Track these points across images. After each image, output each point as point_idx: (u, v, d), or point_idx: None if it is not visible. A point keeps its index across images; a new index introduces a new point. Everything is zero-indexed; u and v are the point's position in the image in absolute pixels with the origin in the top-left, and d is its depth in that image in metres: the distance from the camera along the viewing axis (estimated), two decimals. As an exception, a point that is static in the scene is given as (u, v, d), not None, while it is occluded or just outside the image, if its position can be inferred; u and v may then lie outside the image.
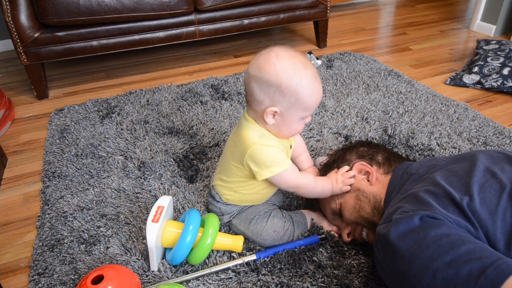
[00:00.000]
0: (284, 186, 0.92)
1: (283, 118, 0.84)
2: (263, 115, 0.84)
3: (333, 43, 2.32)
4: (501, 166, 0.73)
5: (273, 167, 0.85)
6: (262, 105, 0.83)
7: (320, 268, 0.90)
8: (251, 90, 0.83)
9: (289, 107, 0.82)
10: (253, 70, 0.82)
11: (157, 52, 2.26)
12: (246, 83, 0.85)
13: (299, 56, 0.83)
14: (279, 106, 0.82)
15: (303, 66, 0.81)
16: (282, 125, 0.86)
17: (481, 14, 2.36)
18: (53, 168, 1.30)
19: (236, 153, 0.89)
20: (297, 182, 0.90)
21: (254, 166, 0.86)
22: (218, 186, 0.98)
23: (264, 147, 0.85)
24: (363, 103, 1.59)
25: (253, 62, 0.83)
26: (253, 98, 0.83)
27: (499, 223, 0.64)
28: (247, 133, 0.86)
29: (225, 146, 0.97)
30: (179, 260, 0.89)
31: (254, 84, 0.82)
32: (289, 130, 0.87)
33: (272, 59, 0.80)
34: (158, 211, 0.90)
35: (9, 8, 1.57)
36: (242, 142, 0.87)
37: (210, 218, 0.93)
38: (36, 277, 0.93)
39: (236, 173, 0.92)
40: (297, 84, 0.80)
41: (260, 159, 0.85)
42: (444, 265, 0.60)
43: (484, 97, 1.66)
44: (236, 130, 0.92)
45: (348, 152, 1.00)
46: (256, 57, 0.83)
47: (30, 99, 1.82)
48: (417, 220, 0.66)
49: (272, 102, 0.82)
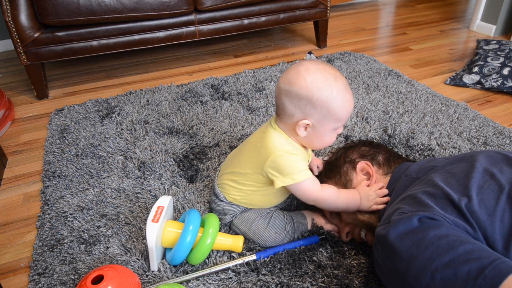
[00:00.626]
0: (303, 197, 0.90)
1: (315, 130, 0.85)
2: (294, 128, 0.85)
3: (333, 43, 2.32)
4: (500, 167, 0.73)
5: (294, 175, 0.85)
6: (294, 118, 0.84)
7: (320, 268, 0.90)
8: (282, 104, 0.84)
9: (321, 119, 0.83)
10: (283, 84, 0.83)
11: (157, 52, 2.26)
12: (276, 97, 0.86)
13: (329, 68, 0.83)
14: (311, 119, 0.83)
15: (334, 78, 0.82)
16: (314, 137, 0.86)
17: (481, 14, 2.36)
18: (53, 168, 1.30)
19: (256, 158, 0.89)
20: (317, 194, 0.88)
21: (274, 173, 0.86)
22: (226, 185, 0.97)
23: (287, 155, 0.85)
24: (363, 103, 1.59)
25: (284, 76, 0.84)
26: (284, 112, 0.84)
27: (497, 224, 0.65)
28: (271, 140, 0.87)
29: (241, 149, 0.97)
30: (179, 260, 0.89)
31: (285, 98, 0.83)
32: (321, 141, 0.88)
33: (302, 73, 0.81)
34: (158, 211, 0.90)
35: (9, 8, 1.57)
36: (265, 148, 0.87)
37: (210, 218, 0.93)
38: (36, 277, 0.93)
39: (252, 177, 0.91)
40: (328, 96, 0.80)
41: (281, 165, 0.85)
42: (442, 265, 0.60)
43: (484, 97, 1.66)
44: (259, 135, 0.91)
45: (350, 150, 1.00)
46: (286, 72, 0.84)
47: (30, 99, 1.82)
48: (416, 221, 0.67)
49: (304, 115, 0.83)
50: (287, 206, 1.09)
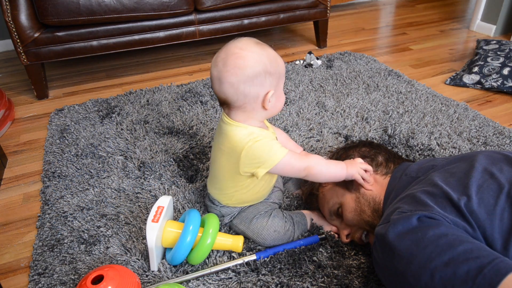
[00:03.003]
0: (293, 172, 0.89)
1: (276, 95, 0.87)
2: (262, 106, 0.85)
3: (333, 43, 2.32)
4: (500, 167, 0.73)
5: (272, 157, 0.85)
6: (259, 97, 0.84)
7: (320, 268, 0.90)
8: (243, 93, 0.82)
9: (277, 83, 0.86)
10: (232, 77, 0.80)
11: (157, 52, 2.26)
12: (231, 93, 0.82)
13: (245, 40, 0.85)
14: (271, 87, 0.85)
15: (258, 43, 0.85)
16: (276, 102, 0.88)
17: (481, 14, 2.36)
18: (53, 168, 1.30)
19: (229, 161, 0.89)
20: (304, 163, 0.88)
21: (252, 166, 0.86)
22: (214, 193, 0.99)
23: (256, 143, 0.85)
24: (363, 103, 1.59)
25: (224, 72, 0.80)
26: (248, 98, 0.83)
27: (496, 223, 0.65)
28: (233, 137, 0.86)
29: (212, 155, 0.96)
30: (179, 260, 0.89)
31: (243, 87, 0.81)
32: (281, 102, 0.90)
33: (243, 54, 0.80)
34: (158, 211, 0.90)
35: (9, 8, 1.57)
36: (234, 147, 0.86)
37: (210, 218, 0.93)
38: (36, 277, 0.93)
39: (231, 179, 0.92)
40: (274, 57, 0.84)
41: (257, 155, 0.85)
42: (442, 264, 0.60)
43: (484, 97, 1.66)
44: (219, 138, 0.91)
45: (351, 151, 1.00)
46: (223, 66, 0.80)
47: (30, 99, 1.82)
48: (415, 220, 0.67)
49: (266, 87, 0.84)
50: (287, 206, 1.09)
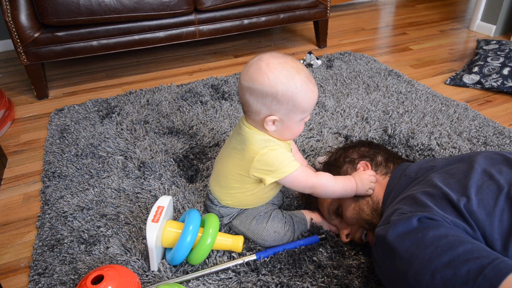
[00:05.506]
0: (298, 187, 0.89)
1: (283, 124, 0.84)
2: (263, 124, 0.84)
3: (333, 43, 2.32)
4: (499, 168, 0.73)
5: (282, 168, 0.85)
6: (261, 115, 0.83)
7: (320, 268, 0.90)
8: (247, 101, 0.83)
9: (287, 113, 0.82)
10: (245, 82, 0.81)
11: (157, 52, 2.26)
12: (240, 94, 0.84)
13: (290, 61, 0.82)
14: (278, 114, 0.82)
15: (296, 71, 0.80)
16: (283, 130, 0.86)
17: (481, 14, 2.36)
18: (53, 168, 1.30)
19: (241, 161, 0.88)
20: (312, 181, 0.88)
21: (262, 172, 0.86)
22: (215, 191, 0.98)
23: (270, 151, 0.84)
24: (363, 103, 1.59)
25: (245, 73, 0.82)
26: (250, 110, 0.83)
27: (496, 224, 0.65)
28: (251, 140, 0.86)
29: (223, 152, 0.96)
30: (179, 260, 0.89)
31: (249, 96, 0.82)
32: (291, 133, 0.87)
33: (263, 69, 0.79)
34: (158, 211, 0.90)
35: (9, 8, 1.57)
36: (247, 150, 0.86)
37: (210, 218, 0.93)
38: (36, 277, 0.93)
39: (238, 180, 0.91)
40: (293, 90, 0.79)
41: (268, 163, 0.85)
42: (442, 265, 0.60)
43: (484, 97, 1.66)
44: (236, 137, 0.91)
45: (350, 151, 1.00)
46: (246, 68, 0.82)
47: (30, 99, 1.82)
48: (415, 221, 0.67)
49: (270, 111, 0.82)
50: (287, 206, 1.09)
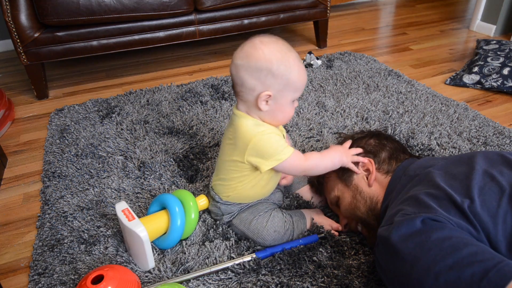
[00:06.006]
0: (292, 172, 0.92)
1: (276, 102, 0.85)
2: (256, 103, 0.84)
3: (333, 43, 2.32)
4: (500, 169, 0.73)
5: (277, 155, 0.85)
6: (255, 91, 0.84)
7: (320, 268, 0.90)
8: (241, 79, 0.84)
9: (281, 89, 0.84)
10: (240, 59, 0.83)
11: (157, 52, 2.26)
12: (234, 74, 0.85)
13: (281, 40, 0.86)
14: (272, 90, 0.83)
15: (288, 49, 0.84)
16: (276, 110, 0.86)
17: (481, 14, 2.36)
18: (53, 168, 1.30)
19: (235, 150, 0.89)
20: (304, 165, 0.89)
21: (257, 159, 0.86)
22: (217, 186, 0.98)
23: (266, 136, 0.85)
24: (363, 103, 1.59)
25: (239, 52, 0.84)
26: (244, 88, 0.84)
27: (500, 226, 0.64)
28: (242, 128, 0.86)
29: (221, 148, 0.97)
30: (174, 243, 0.95)
31: (244, 73, 0.83)
32: (283, 114, 0.88)
33: (258, 45, 0.82)
34: (126, 213, 0.91)
35: (9, 8, 1.57)
36: (240, 138, 0.87)
37: (182, 193, 0.99)
38: (36, 277, 0.93)
39: (235, 169, 0.91)
40: (286, 65, 0.82)
41: (262, 149, 0.85)
42: (446, 268, 0.60)
43: (484, 97, 1.66)
44: (229, 128, 0.92)
45: (358, 142, 1.00)
46: (240, 48, 0.85)
47: (30, 99, 1.82)
48: (419, 222, 0.66)
49: (264, 86, 0.83)
50: (287, 206, 1.09)
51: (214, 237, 0.99)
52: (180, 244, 0.98)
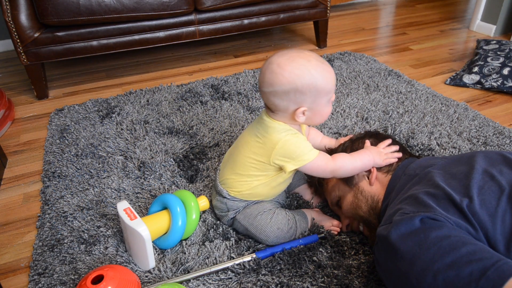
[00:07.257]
0: (319, 173, 0.92)
1: (313, 111, 0.87)
2: (293, 117, 0.87)
3: (333, 43, 2.32)
4: (500, 168, 0.73)
5: (304, 156, 0.87)
6: (289, 110, 0.87)
7: (320, 268, 0.90)
8: (274, 104, 0.87)
9: (314, 100, 0.86)
10: (266, 87, 0.86)
11: (157, 52, 2.26)
12: (265, 99, 0.89)
13: (296, 54, 0.85)
14: (305, 104, 0.86)
15: (306, 60, 0.84)
16: (314, 116, 0.89)
17: (481, 14, 2.36)
18: (53, 168, 1.30)
19: (261, 149, 0.90)
20: (332, 165, 0.90)
21: (284, 159, 0.88)
22: (229, 180, 0.97)
23: (293, 138, 0.87)
24: (363, 103, 1.59)
25: (262, 80, 0.87)
26: (279, 109, 0.87)
27: (498, 225, 0.65)
28: (273, 129, 0.89)
29: (240, 141, 0.97)
30: (175, 243, 0.95)
31: (274, 99, 0.86)
32: (321, 116, 0.90)
33: (276, 70, 0.83)
34: (128, 212, 0.91)
35: (9, 8, 1.57)
36: (269, 138, 0.89)
37: (183, 194, 1.00)
38: (36, 277, 0.93)
39: (257, 167, 0.92)
40: (310, 78, 0.83)
41: (290, 150, 0.87)
42: (445, 266, 0.60)
43: (484, 97, 1.66)
44: (257, 126, 0.92)
45: (357, 143, 1.00)
46: (262, 76, 0.87)
47: (30, 99, 1.82)
48: (418, 221, 0.67)
49: (297, 104, 0.85)
50: (287, 206, 1.09)
51: (214, 237, 0.99)
52: (180, 244, 0.98)
